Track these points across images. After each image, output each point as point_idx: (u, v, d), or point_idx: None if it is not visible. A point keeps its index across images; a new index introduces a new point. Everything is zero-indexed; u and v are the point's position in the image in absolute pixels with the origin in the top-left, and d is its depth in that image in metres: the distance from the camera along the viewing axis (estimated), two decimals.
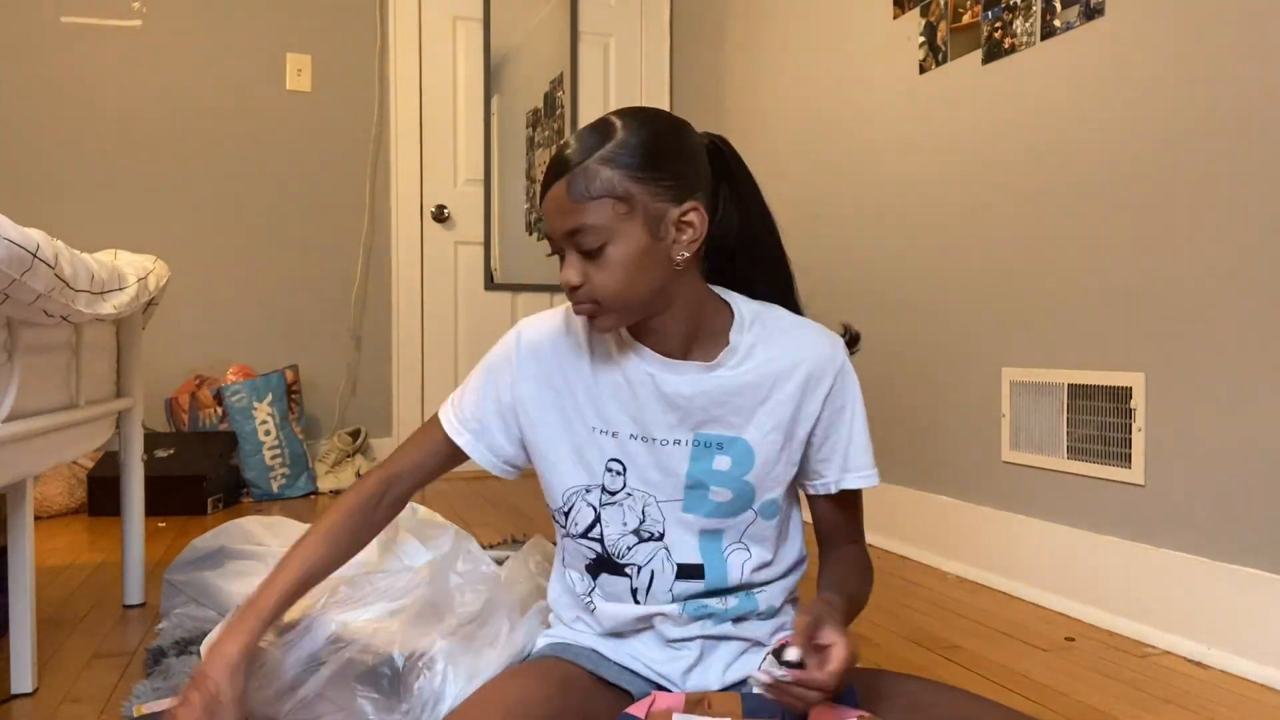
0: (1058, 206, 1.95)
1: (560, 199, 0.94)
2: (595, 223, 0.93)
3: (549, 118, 3.89)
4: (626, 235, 0.94)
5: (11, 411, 1.26)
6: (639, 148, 0.93)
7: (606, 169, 0.93)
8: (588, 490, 1.05)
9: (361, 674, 1.10)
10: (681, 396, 1.01)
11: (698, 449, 1.02)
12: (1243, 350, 1.57)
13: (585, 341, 1.05)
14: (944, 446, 2.29)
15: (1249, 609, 1.54)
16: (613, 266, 0.94)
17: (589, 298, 0.95)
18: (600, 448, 1.04)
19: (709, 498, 1.03)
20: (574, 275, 0.95)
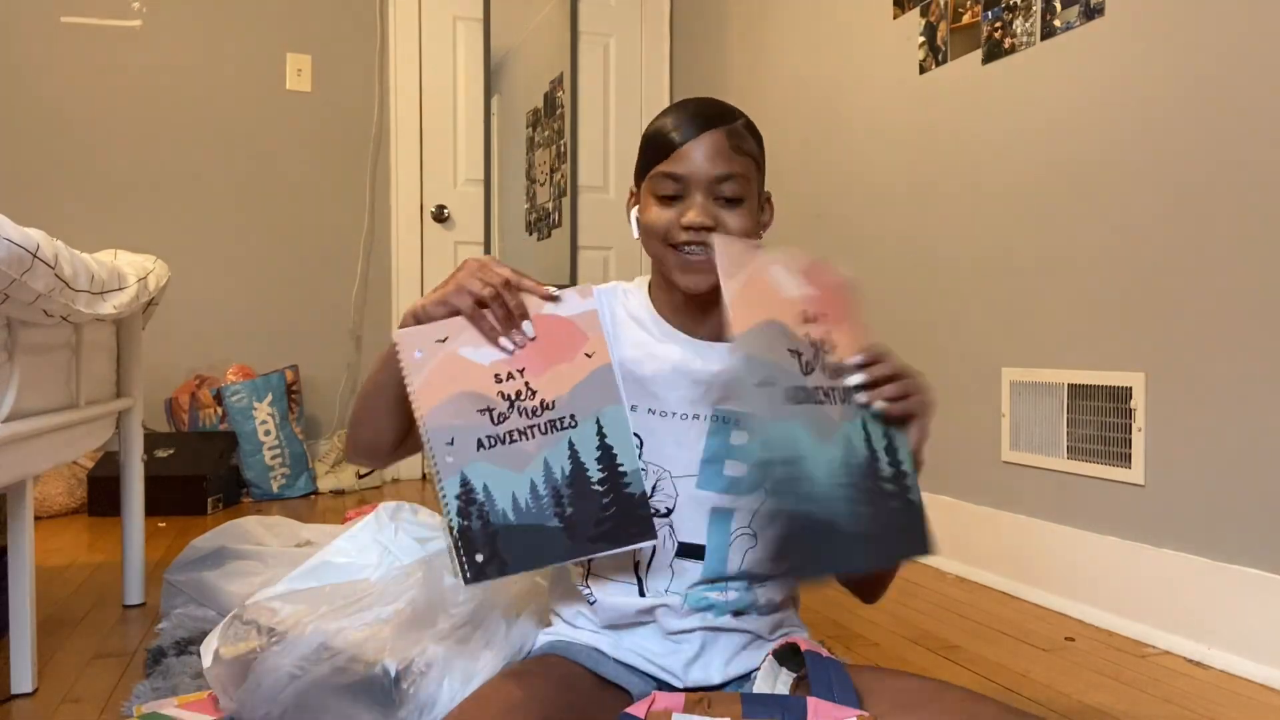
0: (1057, 206, 1.95)
1: (720, 144, 0.99)
2: (743, 174, 1.00)
3: (549, 118, 3.89)
4: (752, 198, 1.02)
5: (11, 411, 1.26)
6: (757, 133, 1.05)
7: (751, 137, 1.03)
8: None
9: (355, 682, 1.10)
10: (707, 373, 1.04)
11: (716, 424, 1.04)
12: (1243, 350, 1.57)
13: (609, 319, 1.07)
14: (944, 446, 2.29)
15: (1249, 609, 1.54)
16: (743, 219, 1.00)
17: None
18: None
19: (724, 472, 1.04)
20: (707, 217, 0.99)
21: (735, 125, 1.01)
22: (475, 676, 1.08)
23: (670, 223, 1.00)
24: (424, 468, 3.69)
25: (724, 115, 1.02)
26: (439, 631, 1.17)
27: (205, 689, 1.34)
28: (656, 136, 1.02)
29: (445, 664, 1.11)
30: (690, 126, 1.00)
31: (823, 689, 0.93)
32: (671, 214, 1.00)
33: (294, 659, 1.10)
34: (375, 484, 3.50)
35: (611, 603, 1.07)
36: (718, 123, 1.01)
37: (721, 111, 1.02)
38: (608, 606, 1.07)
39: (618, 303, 1.10)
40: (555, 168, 3.88)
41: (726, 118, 1.02)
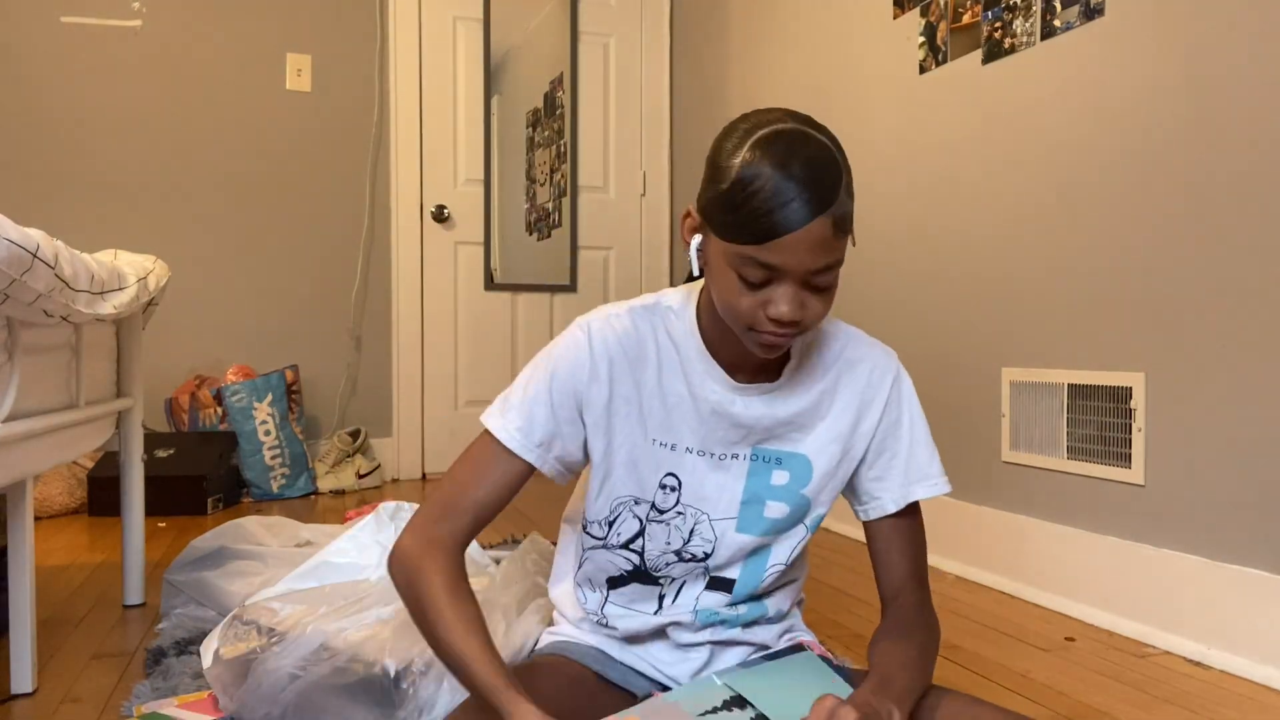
0: (1058, 206, 1.95)
1: (825, 233, 0.83)
2: (841, 257, 0.87)
3: (549, 118, 3.89)
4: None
5: (11, 411, 1.26)
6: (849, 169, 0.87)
7: (848, 199, 0.85)
8: (636, 502, 1.01)
9: (355, 682, 1.10)
10: (748, 417, 0.99)
11: (755, 464, 1.01)
12: (1243, 350, 1.57)
13: (654, 348, 0.99)
14: (944, 446, 2.28)
15: (1249, 609, 1.54)
16: (829, 296, 0.88)
17: (800, 332, 0.89)
18: (657, 460, 1.00)
19: (764, 514, 1.02)
20: (798, 311, 0.86)
21: (841, 204, 0.84)
22: None
23: (753, 309, 0.87)
24: (424, 467, 3.69)
25: (833, 189, 0.83)
26: None
27: (205, 689, 1.34)
28: (751, 208, 0.83)
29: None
30: (797, 213, 0.82)
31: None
32: (756, 300, 0.86)
33: (294, 659, 1.10)
34: (375, 484, 3.50)
35: (626, 620, 1.06)
36: (828, 202, 0.82)
37: (832, 183, 0.83)
38: (622, 623, 1.06)
39: (660, 327, 1.00)
40: (555, 168, 3.88)
41: (835, 191, 0.83)
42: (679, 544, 1.01)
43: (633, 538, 1.02)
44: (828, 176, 0.83)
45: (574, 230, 3.88)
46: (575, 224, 3.88)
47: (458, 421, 3.69)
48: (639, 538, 1.02)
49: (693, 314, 1.00)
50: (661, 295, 1.03)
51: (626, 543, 1.02)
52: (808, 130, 0.86)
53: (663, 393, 0.98)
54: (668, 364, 0.99)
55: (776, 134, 0.84)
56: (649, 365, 0.99)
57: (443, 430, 3.68)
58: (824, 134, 0.87)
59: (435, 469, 3.69)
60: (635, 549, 1.02)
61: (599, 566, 1.05)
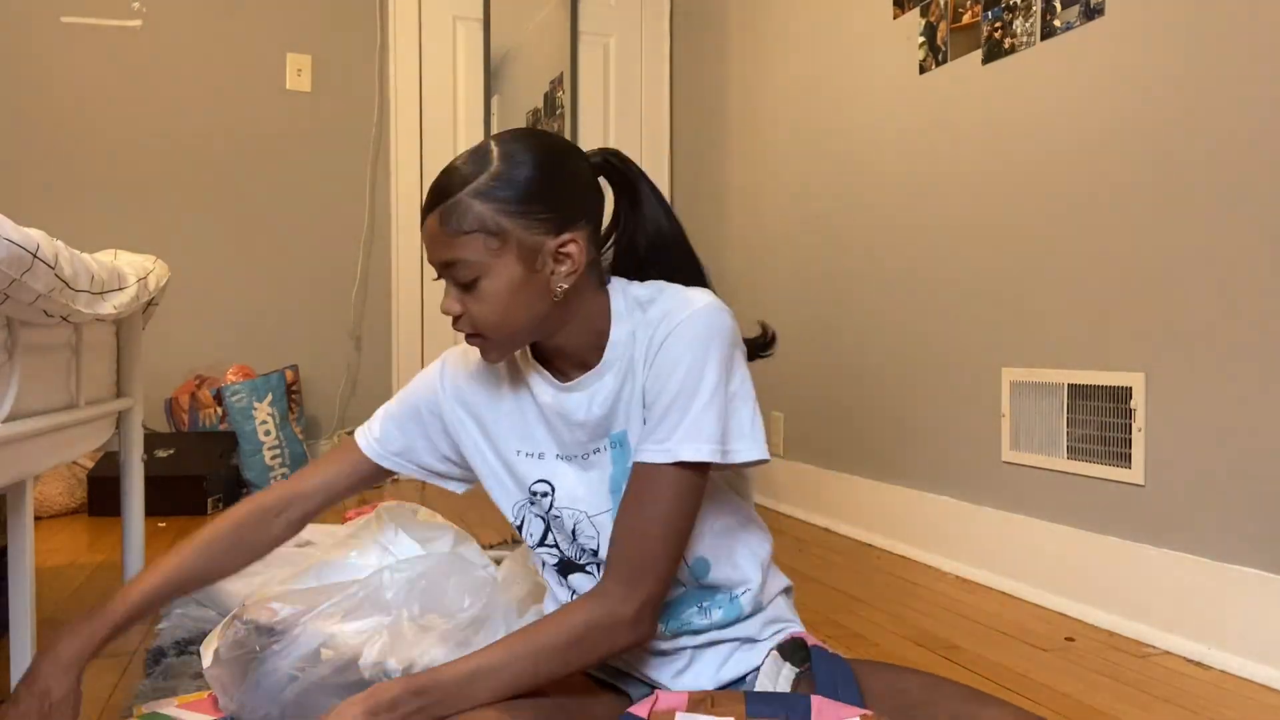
0: (1058, 206, 1.95)
1: (434, 231, 0.92)
2: (468, 257, 0.91)
3: (549, 118, 3.89)
4: (499, 269, 0.91)
5: (11, 411, 1.26)
6: (513, 182, 0.91)
7: (479, 203, 0.90)
8: (532, 502, 1.04)
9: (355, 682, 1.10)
10: (580, 413, 1.00)
11: (616, 451, 1.00)
12: (1243, 350, 1.57)
13: (503, 367, 1.06)
14: (944, 446, 2.29)
15: (1249, 609, 1.54)
16: (488, 299, 0.92)
17: (470, 328, 0.95)
18: (526, 470, 1.04)
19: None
20: (453, 305, 0.94)
21: (448, 205, 0.90)
22: None
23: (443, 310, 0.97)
24: None
25: (437, 193, 0.92)
26: (441, 633, 1.17)
27: (205, 689, 1.34)
28: None
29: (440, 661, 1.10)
30: (422, 211, 0.94)
31: (826, 686, 0.93)
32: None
33: (293, 660, 1.10)
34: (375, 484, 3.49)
35: None
36: (433, 203, 0.92)
37: (437, 188, 0.92)
38: None
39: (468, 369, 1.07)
40: None
41: (442, 196, 0.91)
42: (568, 541, 1.03)
43: (543, 535, 1.05)
44: (452, 178, 0.92)
45: None
46: None
47: None
48: (548, 533, 1.05)
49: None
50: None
51: (540, 541, 1.06)
52: (489, 140, 0.94)
53: (519, 406, 1.04)
54: (514, 379, 1.05)
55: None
56: (502, 384, 1.05)
57: None
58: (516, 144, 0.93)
59: None
60: (550, 544, 1.06)
61: (540, 560, 1.09)
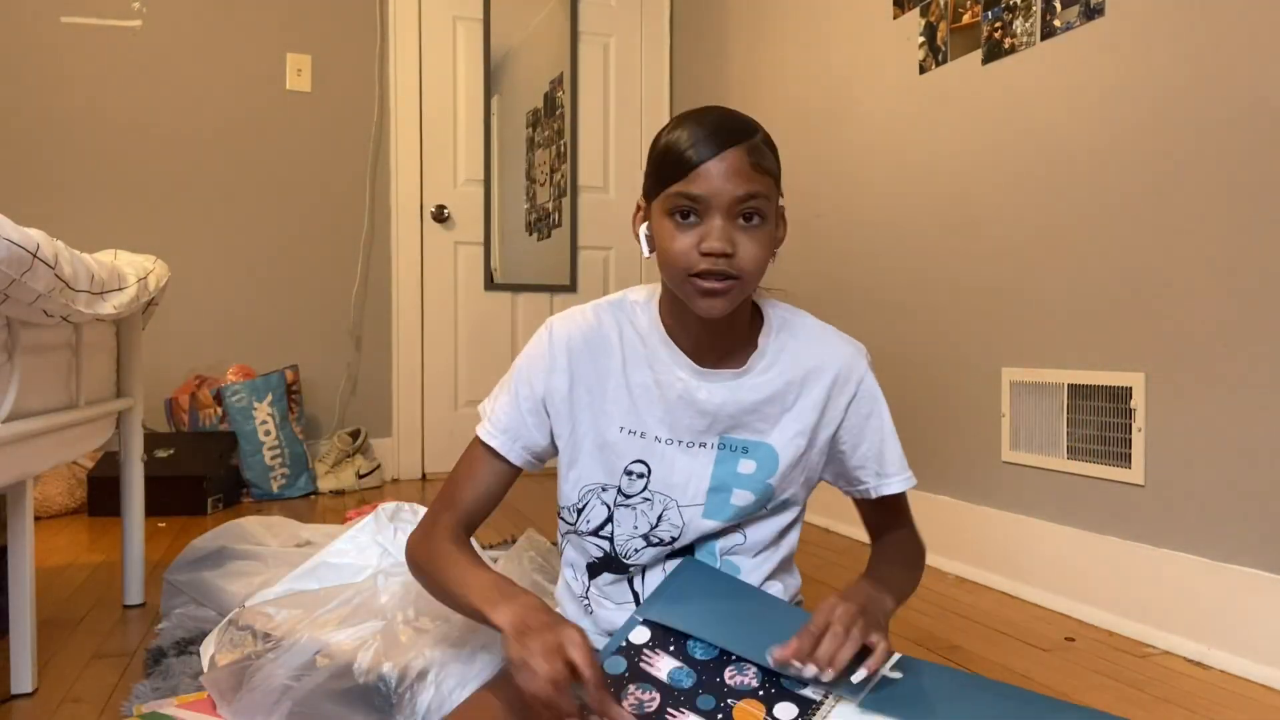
0: (1058, 206, 1.95)
1: (741, 163, 0.93)
2: (766, 193, 0.95)
3: (549, 118, 3.89)
4: (772, 217, 0.97)
5: (11, 411, 1.26)
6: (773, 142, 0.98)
7: (769, 151, 0.97)
8: (604, 489, 1.05)
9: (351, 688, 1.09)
10: (712, 404, 1.02)
11: (723, 452, 1.03)
12: (1243, 350, 1.57)
13: (618, 340, 1.04)
14: (944, 446, 2.28)
15: (1249, 609, 1.54)
16: (762, 241, 0.95)
17: (734, 270, 0.94)
18: (624, 448, 1.04)
19: (730, 501, 1.04)
20: (727, 243, 0.93)
21: (755, 140, 0.95)
22: (471, 679, 1.08)
23: (688, 249, 0.93)
24: (424, 467, 3.69)
25: (745, 130, 0.95)
26: (435, 635, 1.17)
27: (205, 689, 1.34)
28: (671, 152, 0.94)
29: (441, 668, 1.11)
30: (709, 144, 0.92)
31: None
32: (690, 239, 0.93)
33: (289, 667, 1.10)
34: (375, 484, 3.50)
35: (608, 615, 1.08)
36: (740, 138, 0.93)
37: (742, 126, 0.95)
38: (605, 620, 1.08)
39: (625, 320, 1.06)
40: (555, 168, 3.88)
41: (747, 132, 0.95)
42: (646, 528, 1.04)
43: (601, 524, 1.05)
44: (738, 121, 0.96)
45: (574, 230, 3.88)
46: (575, 224, 3.88)
47: (457, 421, 3.69)
48: (608, 524, 1.05)
49: (656, 306, 1.05)
50: (627, 292, 1.09)
51: (596, 529, 1.06)
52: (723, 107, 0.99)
53: (628, 382, 1.03)
54: (632, 355, 1.04)
55: (693, 110, 0.98)
56: (614, 356, 1.04)
57: (442, 430, 3.67)
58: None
59: (435, 469, 3.69)
60: (605, 535, 1.06)
61: (575, 551, 1.09)
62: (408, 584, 1.31)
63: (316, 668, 1.10)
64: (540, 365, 1.05)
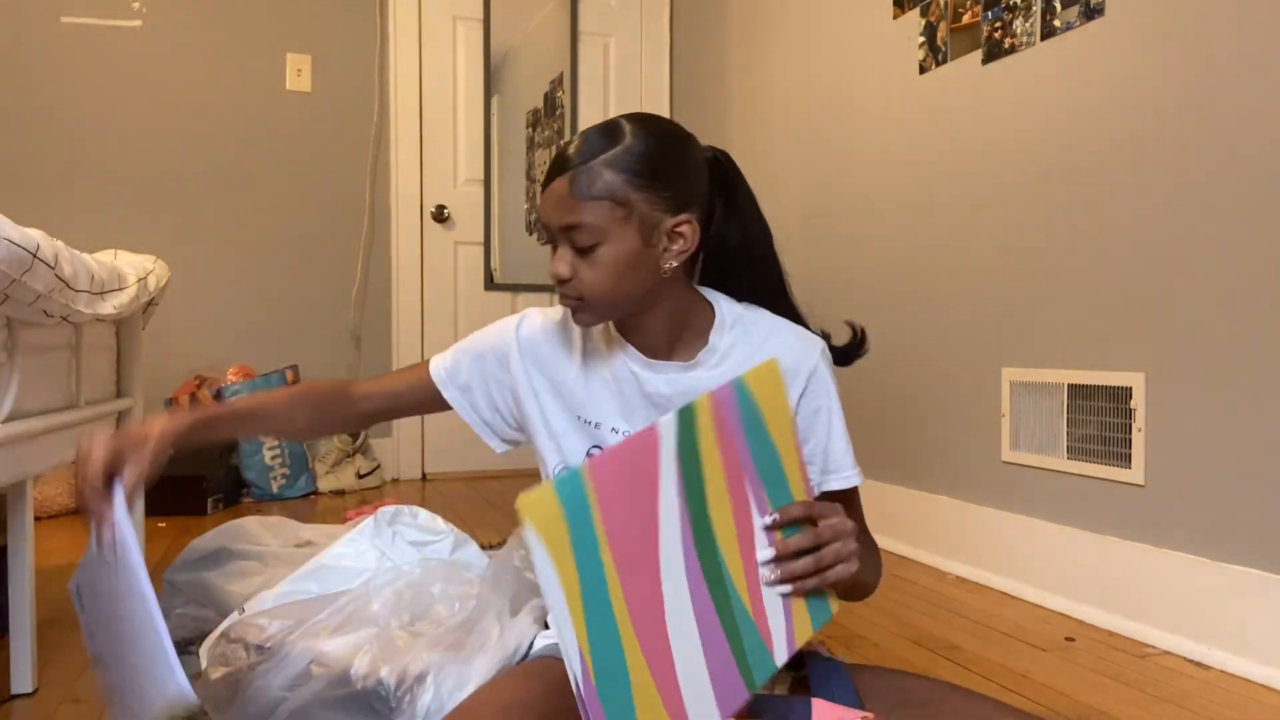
0: (1058, 207, 1.95)
1: (561, 193, 0.95)
2: (591, 222, 0.95)
3: (549, 118, 3.89)
4: (619, 238, 0.96)
5: (11, 411, 1.26)
6: (643, 156, 0.96)
7: (609, 172, 0.95)
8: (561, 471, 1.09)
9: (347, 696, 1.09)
10: (661, 395, 1.05)
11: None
12: (1243, 350, 1.57)
13: (579, 336, 1.09)
14: (944, 446, 2.28)
15: (1249, 609, 1.54)
16: (602, 266, 0.96)
17: (575, 292, 0.99)
18: (583, 436, 1.08)
19: None
20: (564, 269, 0.98)
21: (579, 169, 0.94)
22: (469, 682, 1.08)
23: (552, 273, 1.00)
24: (424, 468, 3.69)
25: (568, 158, 0.96)
26: (431, 639, 1.17)
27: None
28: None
29: (439, 671, 1.10)
30: (547, 175, 0.98)
31: (823, 689, 0.93)
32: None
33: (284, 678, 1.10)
34: (375, 484, 3.50)
35: None
36: (562, 167, 0.96)
37: (569, 154, 0.96)
38: None
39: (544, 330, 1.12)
40: None
41: (572, 160, 0.95)
42: None
43: None
44: (583, 146, 0.96)
45: None
46: None
47: (457, 421, 3.67)
48: None
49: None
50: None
51: None
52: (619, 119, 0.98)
53: (586, 377, 1.08)
54: (590, 351, 1.09)
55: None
56: (574, 349, 1.09)
57: (442, 430, 3.67)
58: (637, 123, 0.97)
59: (435, 469, 3.69)
60: None
61: None
62: (401, 590, 1.31)
63: (312, 677, 1.10)
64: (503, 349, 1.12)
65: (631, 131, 0.97)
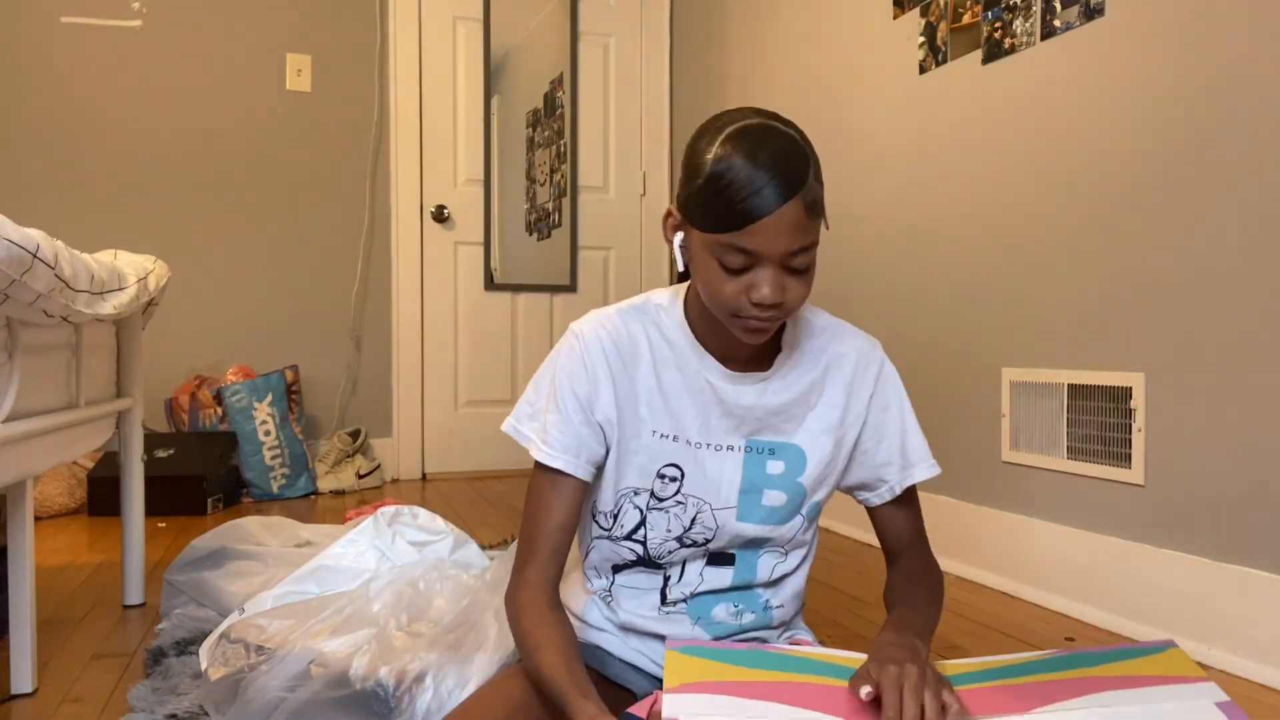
0: (1058, 207, 1.95)
1: (799, 218, 0.87)
2: (818, 236, 0.91)
3: (549, 118, 3.89)
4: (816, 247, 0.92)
5: (11, 411, 1.26)
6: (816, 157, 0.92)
7: (817, 185, 0.90)
8: (636, 493, 1.03)
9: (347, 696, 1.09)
10: (741, 406, 1.01)
11: (750, 455, 1.03)
12: (1242, 350, 1.57)
13: (646, 344, 1.02)
14: (944, 446, 2.28)
15: (1249, 609, 1.54)
16: (808, 280, 0.92)
17: (782, 313, 0.92)
18: (657, 451, 1.02)
19: (762, 503, 1.04)
20: (777, 293, 0.89)
21: (809, 188, 0.88)
22: (470, 680, 1.08)
23: (737, 294, 0.90)
24: (424, 467, 3.69)
25: (801, 172, 0.87)
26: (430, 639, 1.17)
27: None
28: (724, 195, 0.87)
29: (439, 669, 1.10)
30: (768, 196, 0.86)
31: None
32: (738, 285, 0.90)
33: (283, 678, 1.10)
34: (375, 484, 3.50)
35: (631, 607, 1.07)
36: (798, 186, 0.87)
37: (799, 165, 0.88)
38: (628, 609, 1.08)
39: (650, 324, 1.03)
40: (555, 168, 3.88)
41: (803, 175, 0.87)
42: (680, 530, 1.03)
43: (634, 529, 1.04)
44: (795, 163, 0.88)
45: (574, 230, 3.88)
46: (575, 224, 3.88)
47: (457, 421, 3.69)
48: (640, 528, 1.04)
49: (681, 310, 1.04)
50: (649, 295, 1.07)
51: (629, 534, 1.05)
52: (774, 124, 0.91)
53: (660, 386, 1.02)
54: (661, 359, 1.02)
55: (744, 129, 0.90)
56: (642, 361, 1.02)
57: (442, 430, 3.68)
58: (790, 127, 0.91)
59: (435, 469, 3.69)
60: (638, 539, 1.05)
61: (604, 556, 1.08)
62: (400, 591, 1.31)
63: (311, 677, 1.10)
64: (580, 374, 1.00)
65: (799, 135, 0.91)
